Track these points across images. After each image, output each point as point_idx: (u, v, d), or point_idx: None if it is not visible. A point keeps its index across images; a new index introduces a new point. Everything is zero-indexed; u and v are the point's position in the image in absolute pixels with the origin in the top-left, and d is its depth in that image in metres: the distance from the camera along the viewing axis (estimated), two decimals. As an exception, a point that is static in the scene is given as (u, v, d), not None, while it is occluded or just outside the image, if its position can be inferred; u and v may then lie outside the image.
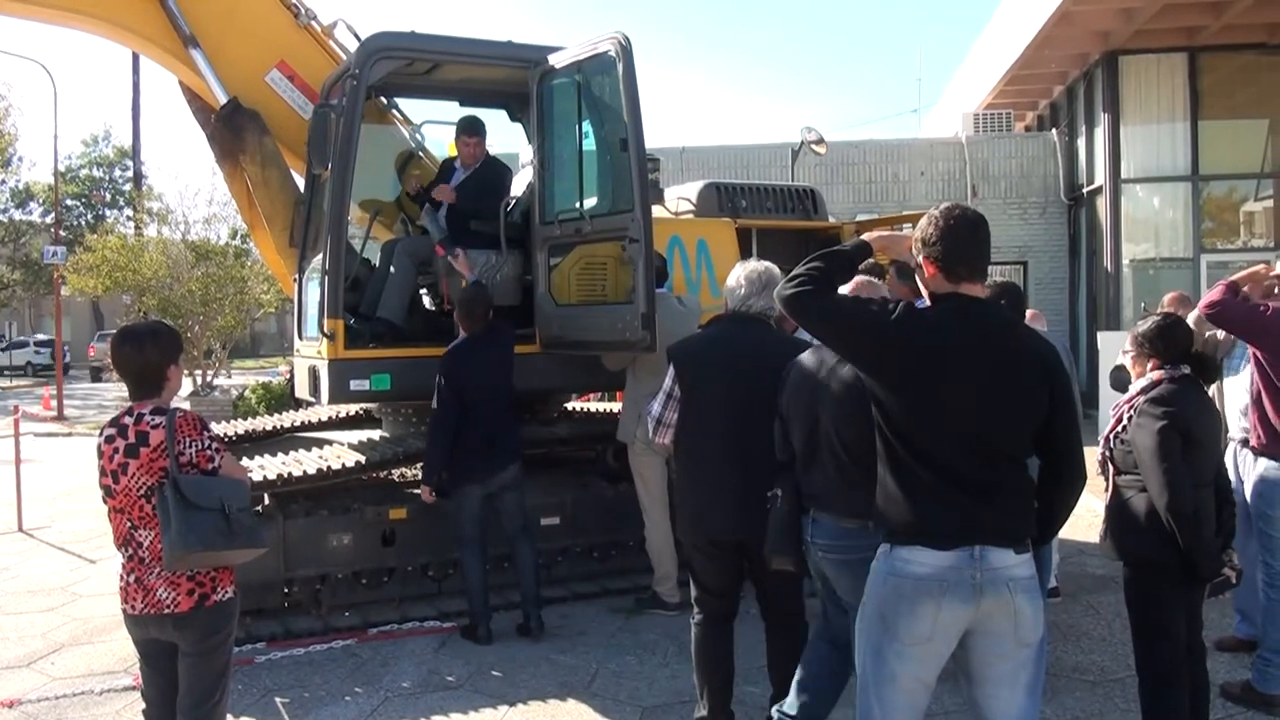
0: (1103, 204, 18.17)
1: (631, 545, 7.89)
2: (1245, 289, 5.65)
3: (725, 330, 5.07)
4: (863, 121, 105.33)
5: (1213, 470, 4.58)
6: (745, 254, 8.58)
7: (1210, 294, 5.62)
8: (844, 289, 4.63)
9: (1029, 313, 7.22)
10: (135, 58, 26.30)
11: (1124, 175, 17.94)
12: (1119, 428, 4.62)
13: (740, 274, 5.02)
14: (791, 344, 4.94)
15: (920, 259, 3.51)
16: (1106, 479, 4.71)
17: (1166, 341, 4.62)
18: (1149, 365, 4.66)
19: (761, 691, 5.48)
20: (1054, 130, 20.82)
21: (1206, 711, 4.69)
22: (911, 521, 3.37)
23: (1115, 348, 4.86)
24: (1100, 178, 18.27)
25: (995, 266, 19.17)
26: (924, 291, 3.57)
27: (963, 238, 3.42)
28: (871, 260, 4.19)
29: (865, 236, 3.80)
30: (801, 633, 4.99)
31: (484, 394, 6.80)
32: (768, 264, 5.09)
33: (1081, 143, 19.61)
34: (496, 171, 8.31)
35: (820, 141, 10.97)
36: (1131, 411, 4.56)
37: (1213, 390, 6.27)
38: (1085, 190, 19.29)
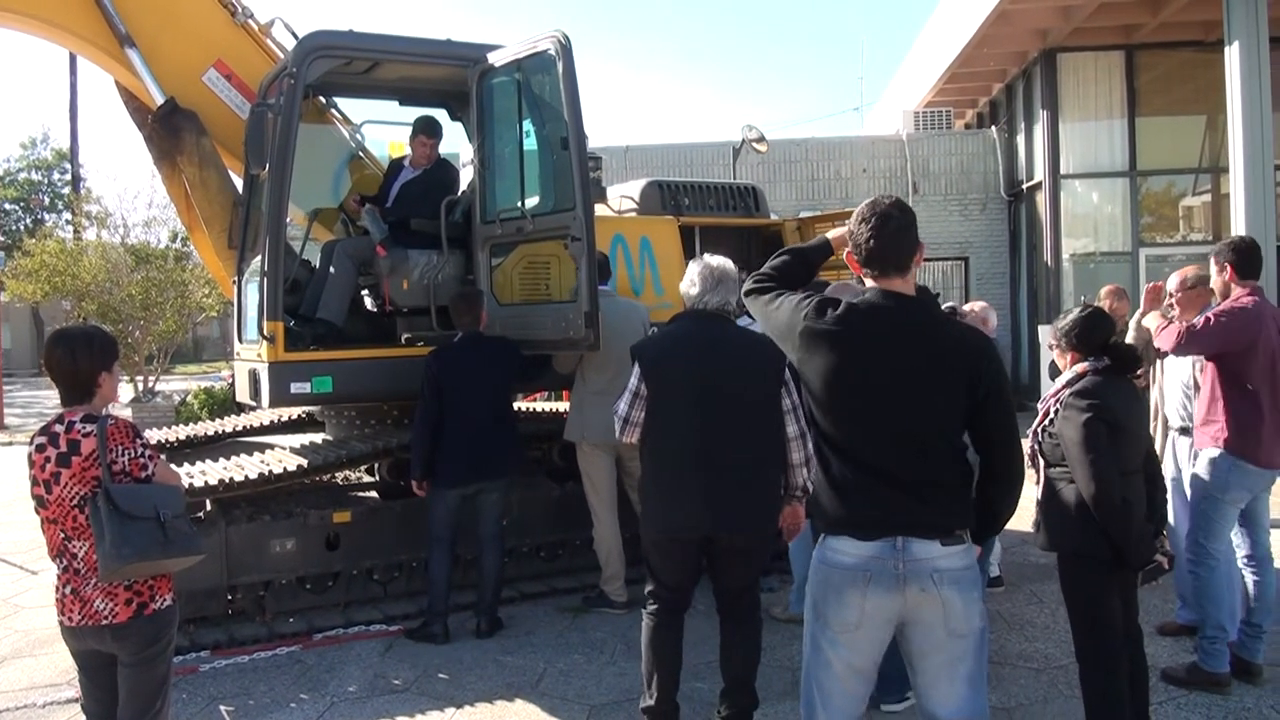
0: (1042, 199, 18.38)
1: (579, 544, 7.90)
2: (1175, 311, 5.97)
3: (687, 327, 5.08)
4: (805, 119, 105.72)
5: (1140, 458, 4.63)
6: (689, 251, 8.61)
7: (1165, 338, 5.68)
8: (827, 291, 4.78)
9: (978, 304, 7.29)
10: (73, 58, 25.89)
11: (1063, 171, 18.16)
12: (1046, 420, 4.67)
13: (694, 272, 5.07)
14: (752, 338, 5.02)
15: (845, 255, 3.59)
16: (1037, 471, 4.72)
17: (1085, 334, 4.69)
18: (1069, 359, 4.73)
19: (709, 688, 5.52)
20: (994, 127, 21.02)
21: (1146, 695, 4.74)
22: (838, 512, 3.46)
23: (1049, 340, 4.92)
24: (1040, 174, 18.48)
25: (936, 262, 19.42)
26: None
27: (884, 234, 3.45)
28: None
29: (828, 234, 3.84)
30: (756, 627, 5.08)
31: (466, 398, 6.78)
32: (722, 260, 5.13)
33: (1021, 139, 19.83)
34: (447, 173, 8.30)
35: (761, 140, 11.02)
36: (1057, 404, 4.61)
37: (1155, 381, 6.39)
38: (1025, 186, 19.50)
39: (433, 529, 6.87)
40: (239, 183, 8.41)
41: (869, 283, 3.53)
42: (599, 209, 7.89)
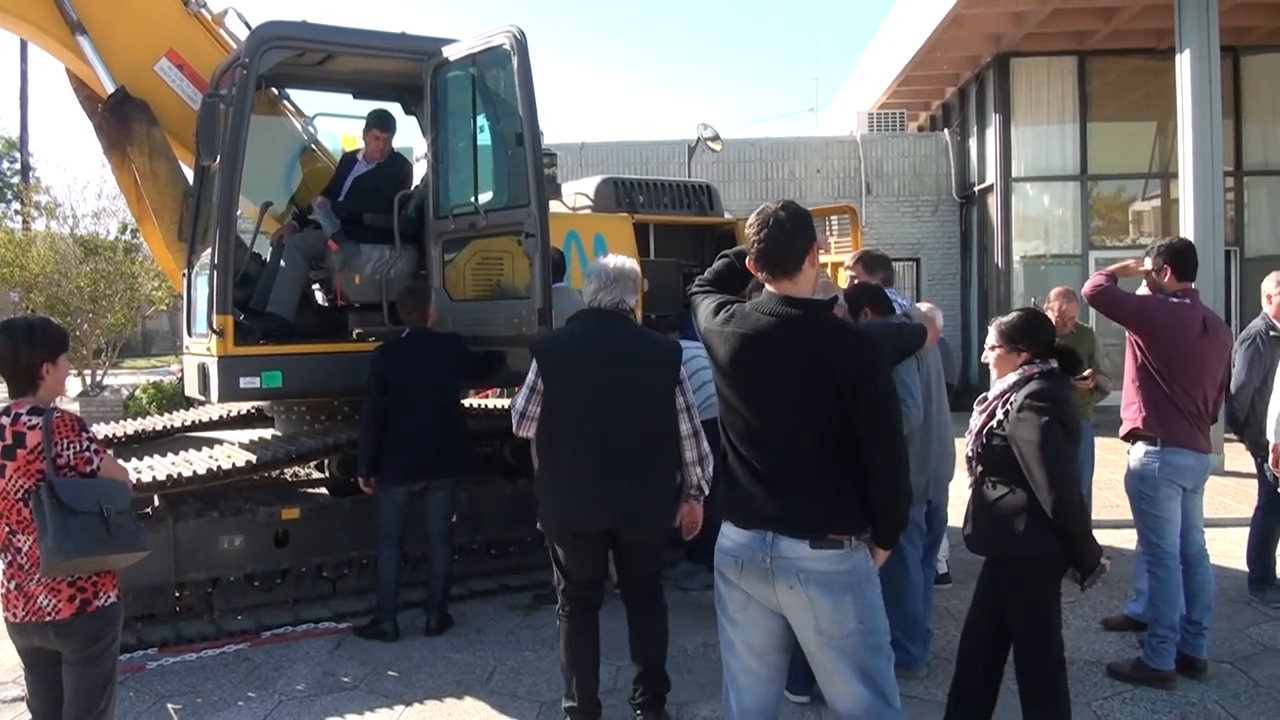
0: (993, 202, 18.51)
1: (529, 541, 7.86)
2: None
3: (584, 325, 5.18)
4: (760, 119, 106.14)
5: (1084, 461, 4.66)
6: (643, 249, 8.62)
7: (1093, 280, 5.90)
8: None
9: (925, 305, 7.33)
10: (23, 45, 25.41)
11: (1014, 174, 18.30)
12: (993, 423, 4.56)
13: (590, 270, 5.21)
14: (648, 337, 5.19)
15: (748, 260, 3.70)
16: (972, 474, 4.68)
17: (1034, 335, 4.62)
18: (1020, 359, 4.62)
19: (609, 674, 5.54)
20: (946, 130, 21.16)
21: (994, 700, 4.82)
22: (725, 500, 3.71)
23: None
24: (991, 176, 18.61)
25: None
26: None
27: (770, 238, 3.56)
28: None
29: None
30: (662, 614, 5.26)
31: (412, 395, 6.73)
32: (621, 259, 5.25)
33: (973, 142, 19.97)
34: (400, 168, 8.25)
35: (716, 138, 11.02)
36: (1007, 407, 4.50)
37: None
38: (977, 188, 19.63)
39: (381, 527, 6.84)
40: (190, 174, 8.32)
41: (766, 286, 3.64)
42: (553, 205, 7.88)
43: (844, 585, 3.47)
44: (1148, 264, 5.90)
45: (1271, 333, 7.00)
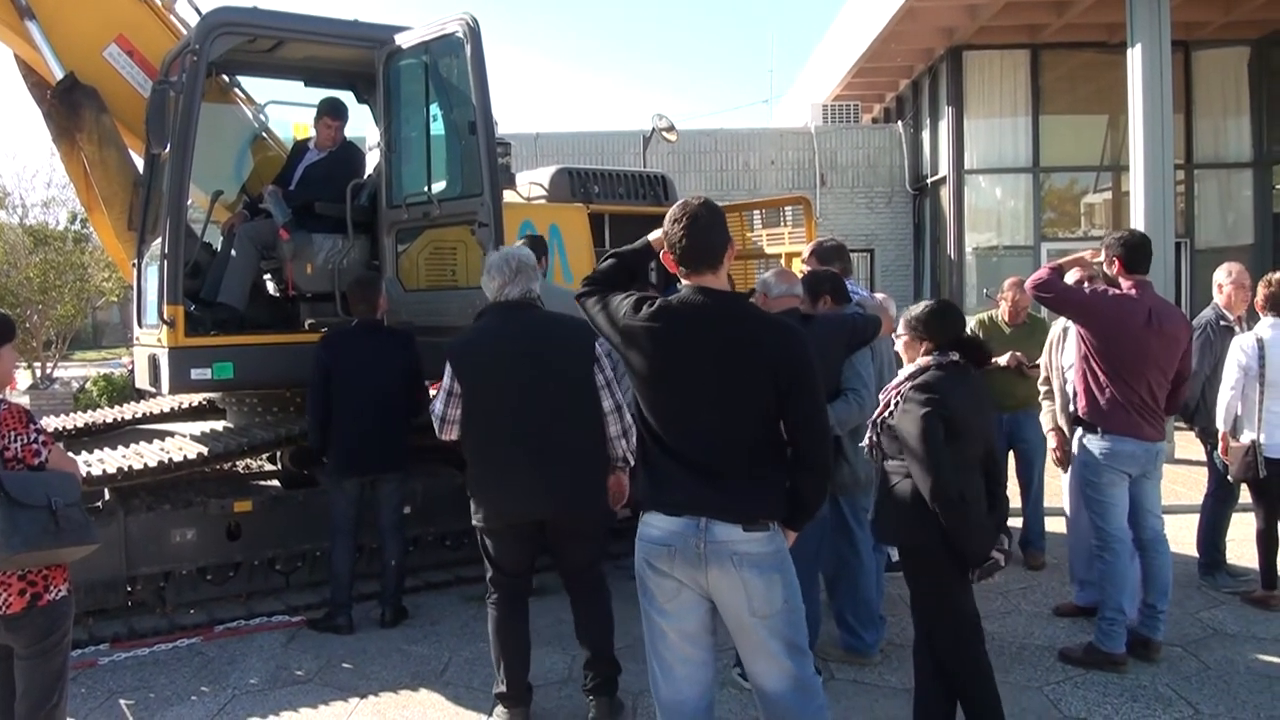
0: (946, 194, 18.66)
1: (484, 533, 7.82)
2: (1070, 273, 6.12)
3: (492, 321, 5.20)
4: (716, 110, 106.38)
5: (979, 454, 4.53)
6: (598, 239, 8.61)
7: (1038, 274, 5.95)
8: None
9: (879, 296, 7.37)
10: (-32, 32, 25.11)
11: (967, 166, 18.45)
12: (886, 413, 4.56)
13: (489, 265, 5.23)
14: (559, 320, 5.17)
15: (663, 255, 3.75)
16: (875, 462, 4.69)
17: (937, 327, 4.60)
18: (920, 350, 4.63)
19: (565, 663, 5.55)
20: (900, 122, 21.30)
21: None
22: (652, 494, 3.72)
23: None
24: (944, 168, 18.75)
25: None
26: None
27: (694, 233, 3.62)
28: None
29: (649, 237, 3.95)
30: (605, 600, 5.29)
31: (356, 387, 6.65)
32: (518, 249, 5.31)
33: (926, 134, 20.11)
34: (352, 156, 8.18)
35: (671, 129, 11.02)
36: (898, 397, 4.51)
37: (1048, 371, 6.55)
38: (930, 180, 19.78)
39: (332, 520, 6.80)
40: (140, 162, 8.20)
41: (683, 280, 3.68)
42: (508, 195, 7.86)
43: (773, 565, 3.60)
44: (1103, 256, 5.98)
45: (1221, 322, 7.10)
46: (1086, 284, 6.07)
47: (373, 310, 6.87)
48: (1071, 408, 6.24)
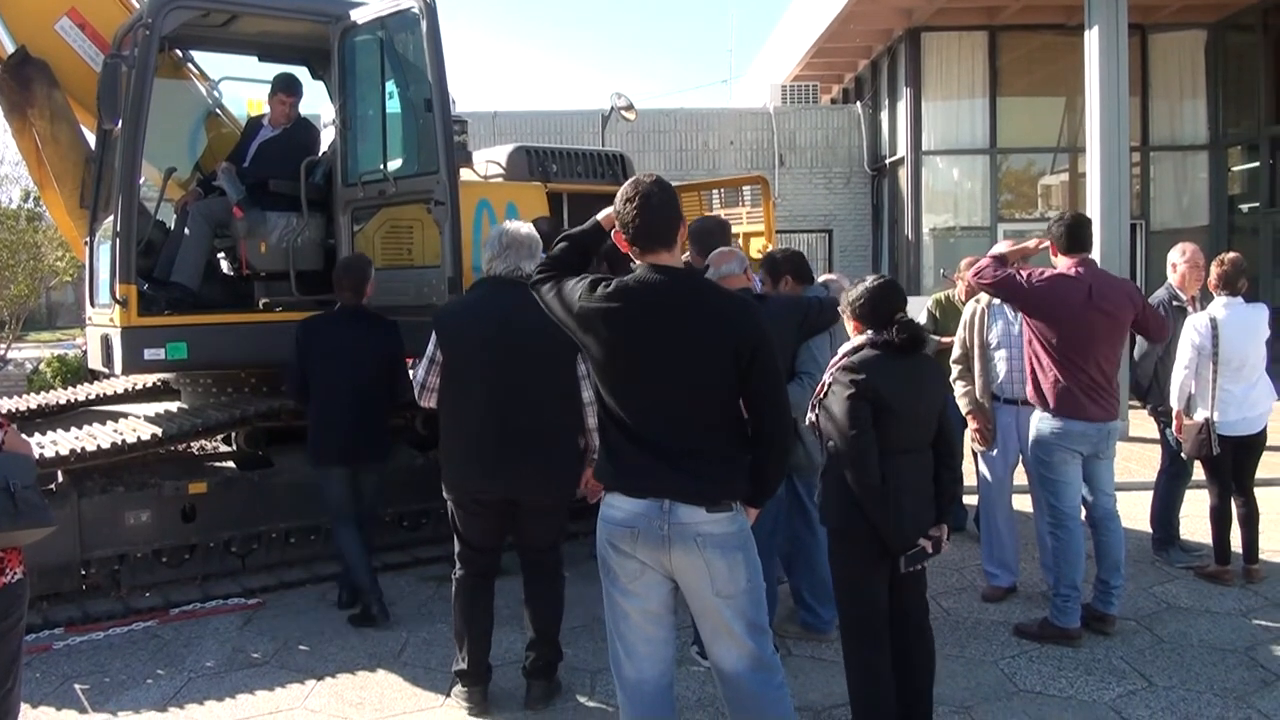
0: (904, 175, 18.75)
1: (442, 513, 7.71)
2: (999, 245, 6.20)
3: (479, 294, 5.21)
4: (675, 90, 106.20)
5: (910, 439, 4.41)
6: (556, 218, 8.55)
7: (979, 264, 6.01)
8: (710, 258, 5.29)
9: (830, 275, 7.39)
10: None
11: (925, 147, 18.56)
12: (822, 393, 4.45)
13: (487, 238, 5.23)
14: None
15: (614, 235, 3.75)
16: (821, 442, 4.56)
17: (872, 306, 4.47)
18: (854, 329, 4.57)
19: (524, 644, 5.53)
20: (859, 103, 21.37)
21: (930, 678, 4.59)
22: (613, 474, 3.68)
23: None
24: (902, 149, 18.84)
25: (801, 234, 19.69)
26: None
27: (647, 211, 3.61)
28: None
29: (598, 216, 3.94)
30: (559, 584, 5.29)
31: (335, 374, 6.47)
32: (517, 225, 5.27)
33: (885, 115, 20.19)
34: (307, 133, 8.10)
35: (630, 108, 10.99)
36: (830, 378, 4.44)
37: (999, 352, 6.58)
38: (888, 161, 19.86)
39: (330, 509, 6.66)
40: (92, 138, 8.09)
41: (636, 260, 3.68)
42: (465, 173, 7.81)
43: (735, 545, 3.61)
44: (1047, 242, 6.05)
45: (1175, 302, 7.15)
46: (1022, 269, 6.05)
47: (357, 295, 6.61)
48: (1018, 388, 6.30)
